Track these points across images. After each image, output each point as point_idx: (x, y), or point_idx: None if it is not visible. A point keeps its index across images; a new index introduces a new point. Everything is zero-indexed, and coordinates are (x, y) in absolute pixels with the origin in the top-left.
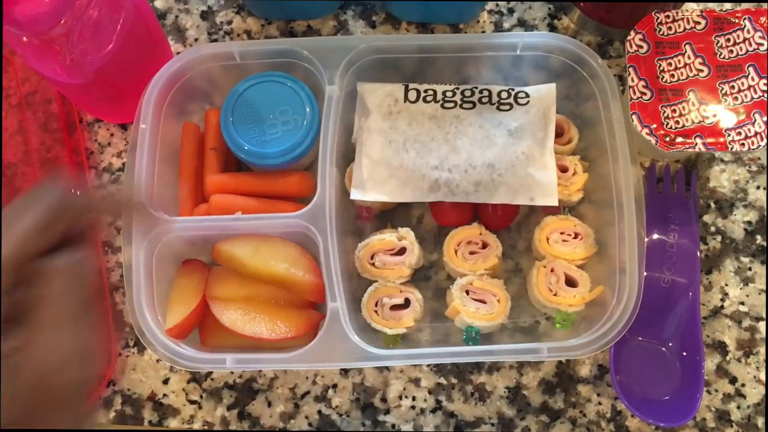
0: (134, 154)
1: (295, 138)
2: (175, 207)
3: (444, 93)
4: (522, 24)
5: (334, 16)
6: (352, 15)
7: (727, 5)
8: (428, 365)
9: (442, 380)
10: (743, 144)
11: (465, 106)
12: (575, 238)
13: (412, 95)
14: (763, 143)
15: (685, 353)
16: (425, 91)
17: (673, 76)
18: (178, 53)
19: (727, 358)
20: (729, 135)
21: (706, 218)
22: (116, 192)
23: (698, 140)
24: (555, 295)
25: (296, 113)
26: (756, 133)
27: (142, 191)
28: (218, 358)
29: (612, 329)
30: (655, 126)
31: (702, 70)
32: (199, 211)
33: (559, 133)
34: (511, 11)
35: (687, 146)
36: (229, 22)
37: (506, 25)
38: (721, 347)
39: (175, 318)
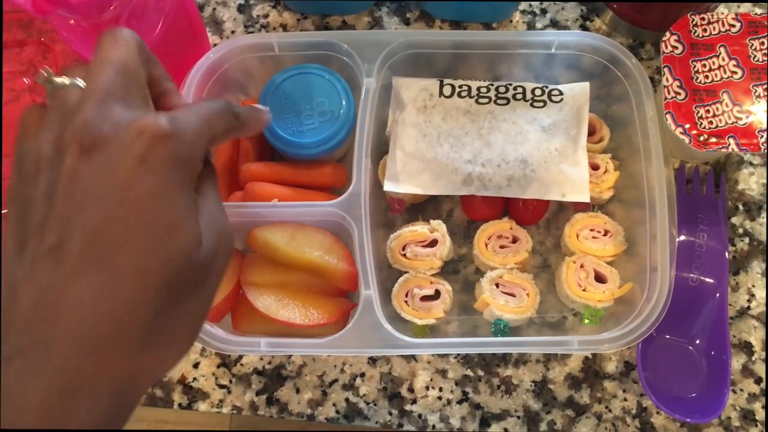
0: None
1: (331, 129)
2: None
3: (478, 89)
4: (554, 24)
5: (368, 13)
6: (387, 12)
7: (759, 10)
8: (455, 357)
9: (469, 372)
10: None
11: (499, 102)
12: (605, 235)
13: (447, 90)
14: None
15: (712, 352)
16: (460, 86)
17: (707, 77)
18: (215, 45)
19: (753, 358)
20: (762, 136)
21: (734, 220)
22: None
23: (731, 141)
24: (584, 290)
25: (332, 105)
26: None
27: None
28: (252, 341)
29: (641, 325)
30: (688, 126)
31: (736, 72)
32: (235, 198)
33: (591, 132)
34: (544, 12)
35: (720, 146)
36: (266, 16)
37: (539, 25)
38: (747, 347)
39: None
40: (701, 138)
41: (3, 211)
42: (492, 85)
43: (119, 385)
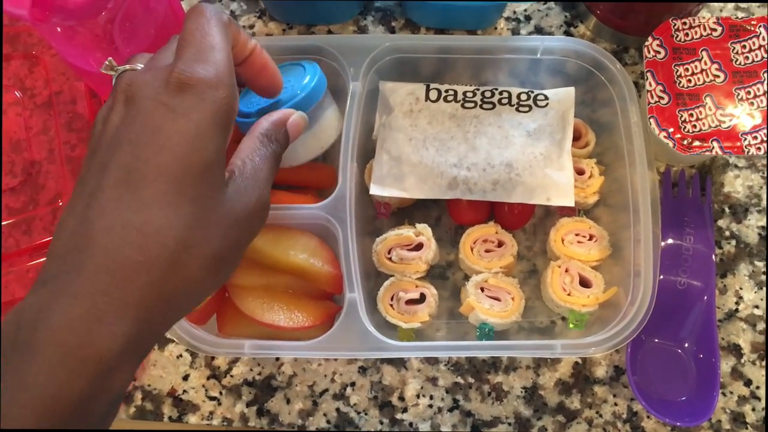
0: None
1: None
2: None
3: (464, 93)
4: (539, 31)
5: (354, 22)
6: (372, 21)
7: (741, 14)
8: (446, 365)
9: (460, 379)
10: (759, 148)
11: (485, 106)
12: (590, 239)
13: (434, 94)
14: None
15: (701, 355)
16: (446, 90)
17: (690, 81)
18: None
19: (742, 360)
20: (745, 139)
21: (721, 223)
22: None
23: (715, 144)
24: (569, 295)
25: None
26: None
27: None
28: (236, 343)
29: (625, 329)
30: (672, 130)
31: (718, 76)
32: None
33: (576, 137)
34: (528, 18)
35: (704, 150)
36: (251, 27)
37: (523, 32)
38: (735, 350)
39: None
40: (685, 142)
41: None
42: (478, 89)
43: (144, 312)
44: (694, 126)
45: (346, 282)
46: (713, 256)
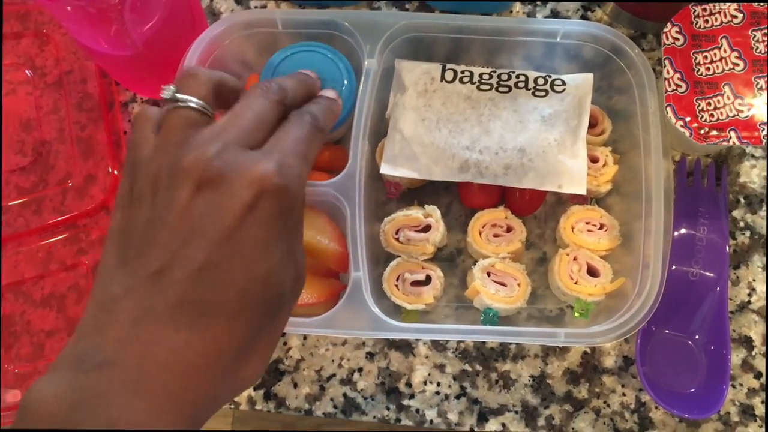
0: None
1: None
2: None
3: (481, 75)
4: (555, 15)
5: (367, 4)
6: (386, 3)
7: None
8: (453, 352)
9: (467, 367)
10: None
11: (501, 89)
12: (600, 228)
13: (449, 75)
14: None
15: (711, 347)
16: (462, 72)
17: (708, 69)
18: None
19: (753, 353)
20: (763, 129)
21: (736, 213)
22: None
23: (732, 134)
24: (576, 283)
25: (334, 83)
26: None
27: None
28: None
29: (631, 320)
30: (689, 119)
31: (738, 64)
32: None
33: (593, 124)
34: (544, 2)
35: (721, 139)
36: (264, 7)
37: (539, 15)
38: (747, 342)
39: None
40: (702, 131)
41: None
42: (494, 72)
43: (201, 404)
44: (712, 115)
45: (352, 261)
46: (727, 247)
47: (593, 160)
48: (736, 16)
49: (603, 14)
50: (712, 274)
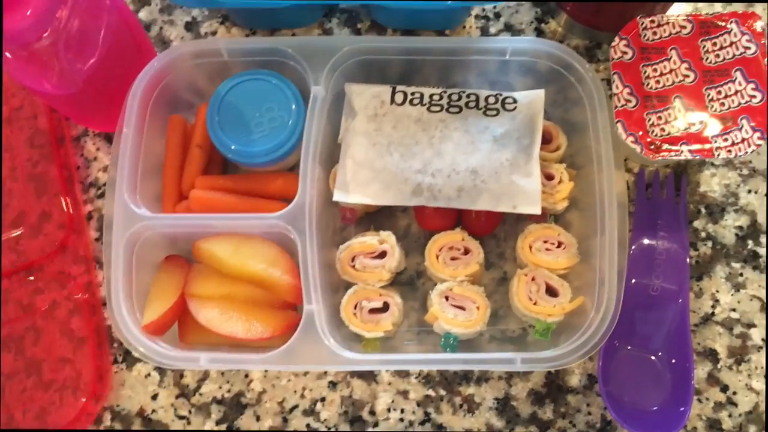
0: (117, 153)
1: (281, 136)
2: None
3: (431, 96)
4: (509, 28)
5: (318, 25)
6: (337, 23)
7: (717, 6)
8: (416, 377)
9: (431, 392)
10: (730, 151)
11: (451, 110)
12: (558, 246)
13: (399, 97)
14: (750, 150)
15: (674, 361)
16: (412, 93)
17: (658, 82)
18: None
19: (718, 365)
20: (715, 142)
21: (697, 224)
22: None
23: (684, 147)
24: (535, 304)
25: (282, 110)
26: (743, 140)
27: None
28: (192, 356)
29: (588, 341)
30: (640, 133)
31: (688, 76)
32: (181, 207)
33: (548, 140)
34: (497, 16)
35: (673, 154)
36: (214, 33)
37: (493, 30)
38: (712, 355)
39: (152, 314)
40: (653, 146)
41: None
42: (445, 92)
43: None
44: (663, 129)
45: (304, 294)
46: (687, 259)
47: (548, 177)
48: (684, 27)
49: (557, 26)
50: (673, 287)
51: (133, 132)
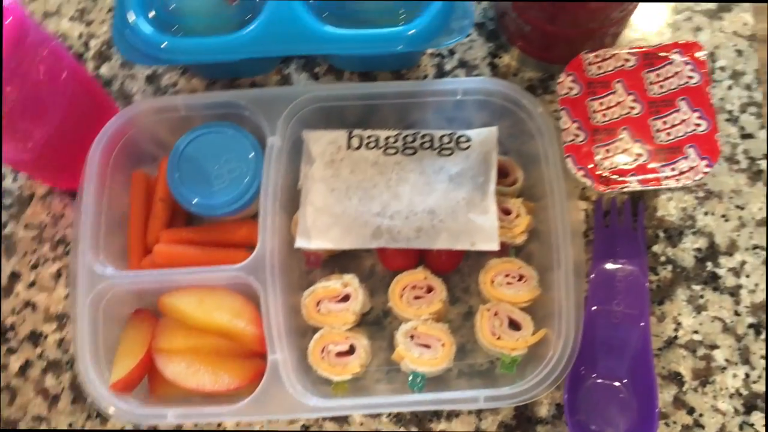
0: (79, 213)
1: (241, 186)
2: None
3: (386, 139)
4: (463, 65)
5: (277, 71)
6: (295, 68)
7: (656, 40)
8: (388, 416)
9: (402, 430)
10: (678, 179)
11: (407, 152)
12: (519, 280)
13: (355, 142)
14: (698, 177)
15: (639, 387)
16: (368, 137)
17: (605, 115)
18: None
19: (684, 388)
20: (663, 171)
21: (656, 248)
22: None
23: (632, 179)
24: (498, 338)
25: (241, 161)
26: (690, 168)
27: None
28: (160, 413)
29: (550, 374)
30: (590, 166)
31: (634, 107)
32: (146, 262)
33: (505, 174)
34: (452, 53)
35: (622, 185)
36: (174, 84)
37: (448, 66)
38: (677, 378)
39: (120, 372)
40: (603, 178)
41: None
42: (400, 134)
43: None
44: (612, 162)
45: (268, 344)
46: (647, 284)
47: (506, 212)
48: (628, 59)
49: (511, 60)
50: (634, 312)
51: (94, 191)
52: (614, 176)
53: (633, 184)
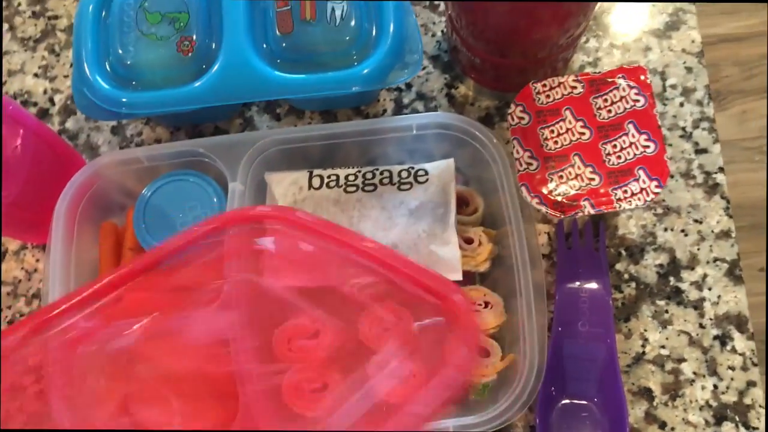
0: (48, 265)
1: None
2: None
3: (347, 177)
4: (421, 97)
5: (240, 114)
6: (257, 111)
7: (607, 61)
8: None
9: None
10: (630, 201)
11: (367, 188)
12: (486, 306)
13: (316, 182)
14: (649, 198)
15: (609, 405)
16: (328, 176)
17: (556, 142)
18: None
19: (654, 403)
20: (615, 194)
21: (619, 266)
22: None
23: (586, 203)
24: None
25: (205, 207)
26: (641, 189)
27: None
28: None
29: (516, 401)
30: (545, 193)
31: (584, 133)
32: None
33: (465, 203)
34: (409, 86)
35: (576, 210)
36: (140, 134)
37: (406, 100)
38: (647, 393)
39: None
40: (557, 205)
41: None
42: (359, 171)
43: None
44: (566, 188)
45: (239, 383)
46: (610, 302)
47: (468, 241)
48: (575, 87)
49: (467, 90)
50: (600, 330)
51: (62, 244)
52: (568, 202)
53: (587, 208)
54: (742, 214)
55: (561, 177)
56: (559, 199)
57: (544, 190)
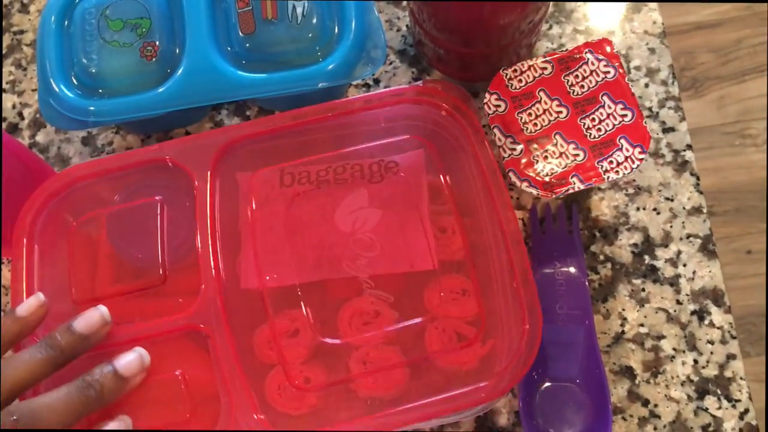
0: (16, 284)
1: (181, 234)
2: None
3: (318, 173)
4: None
5: (210, 118)
6: (227, 114)
7: (571, 45)
8: None
9: None
10: (617, 171)
11: (338, 183)
12: (464, 294)
13: (288, 180)
14: (635, 165)
15: (591, 385)
16: (300, 173)
17: (536, 125)
18: None
19: (636, 381)
20: (602, 166)
21: (594, 248)
22: None
23: (575, 179)
24: (449, 354)
25: (177, 210)
26: (626, 158)
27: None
28: None
29: (495, 390)
30: (533, 176)
31: (561, 112)
32: None
33: (438, 192)
34: (377, 81)
35: (566, 188)
36: (110, 143)
37: None
38: (628, 372)
39: None
40: (546, 185)
41: None
42: (330, 167)
43: None
44: (552, 167)
45: (220, 387)
46: (586, 284)
47: (442, 230)
48: (545, 68)
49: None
50: (578, 312)
51: (26, 260)
52: (557, 180)
53: (577, 184)
54: (726, 198)
55: (546, 158)
56: (548, 179)
57: (532, 173)
